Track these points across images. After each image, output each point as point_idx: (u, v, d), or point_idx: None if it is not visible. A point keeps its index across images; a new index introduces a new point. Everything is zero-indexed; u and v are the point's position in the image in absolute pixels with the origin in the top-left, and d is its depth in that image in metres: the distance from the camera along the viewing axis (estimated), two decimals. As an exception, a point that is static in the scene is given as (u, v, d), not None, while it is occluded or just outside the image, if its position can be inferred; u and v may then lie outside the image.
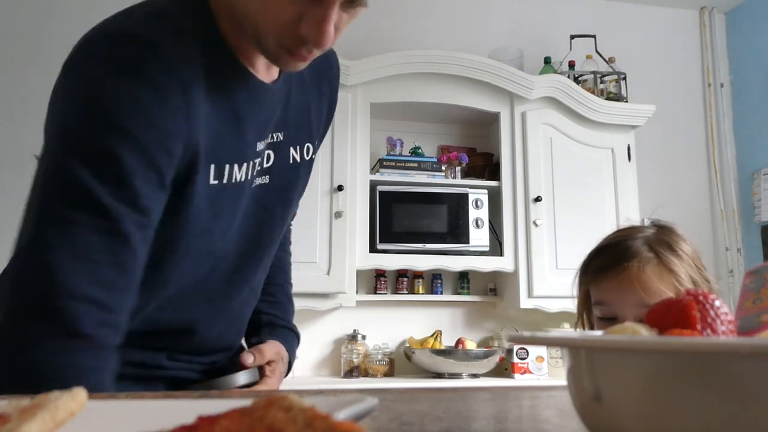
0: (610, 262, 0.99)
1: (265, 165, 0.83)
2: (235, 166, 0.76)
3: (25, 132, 2.67)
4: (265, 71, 0.80)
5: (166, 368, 0.82)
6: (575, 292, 1.08)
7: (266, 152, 0.82)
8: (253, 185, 0.82)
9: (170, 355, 0.83)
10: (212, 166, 0.73)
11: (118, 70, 0.66)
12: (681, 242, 1.03)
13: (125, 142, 0.65)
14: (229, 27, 0.74)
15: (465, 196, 2.73)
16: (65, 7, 2.82)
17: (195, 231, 0.75)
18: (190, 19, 0.72)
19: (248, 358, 0.88)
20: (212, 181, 0.74)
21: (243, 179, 0.78)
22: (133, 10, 0.72)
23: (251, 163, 0.79)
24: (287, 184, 0.87)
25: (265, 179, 0.84)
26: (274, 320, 0.99)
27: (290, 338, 0.99)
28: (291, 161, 0.87)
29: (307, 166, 0.91)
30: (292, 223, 1.07)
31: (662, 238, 1.02)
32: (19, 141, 2.66)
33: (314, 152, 0.92)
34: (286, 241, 1.08)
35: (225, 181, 0.75)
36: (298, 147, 0.88)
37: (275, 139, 0.84)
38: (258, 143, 0.79)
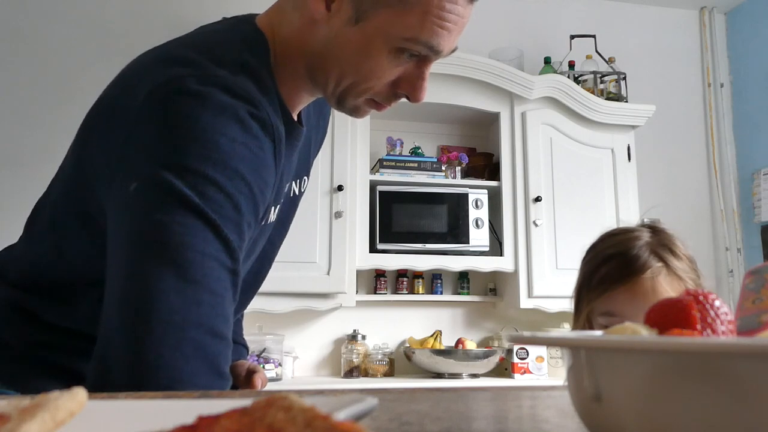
0: (622, 274, 0.97)
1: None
2: (272, 209, 0.79)
3: (25, 132, 2.67)
4: (295, 116, 0.83)
5: None
6: (573, 304, 1.06)
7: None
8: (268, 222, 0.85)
9: None
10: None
11: (231, 121, 0.66)
12: (679, 244, 1.03)
13: (241, 187, 0.66)
14: (281, 74, 0.76)
15: (465, 196, 2.73)
16: (66, 7, 2.82)
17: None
18: (267, 76, 0.74)
19: (259, 384, 0.91)
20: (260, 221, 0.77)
21: (275, 220, 0.82)
22: (224, 58, 0.71)
23: (281, 203, 0.82)
24: (286, 216, 0.91)
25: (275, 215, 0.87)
26: (235, 338, 1.03)
27: (245, 354, 1.05)
28: (291, 195, 0.90)
29: (301, 197, 0.95)
30: None
31: (662, 242, 1.01)
32: (20, 141, 2.66)
33: (307, 183, 0.96)
34: None
35: (265, 222, 0.78)
36: (297, 181, 0.91)
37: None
38: (287, 185, 0.83)
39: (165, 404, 0.43)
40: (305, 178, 0.94)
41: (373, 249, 2.61)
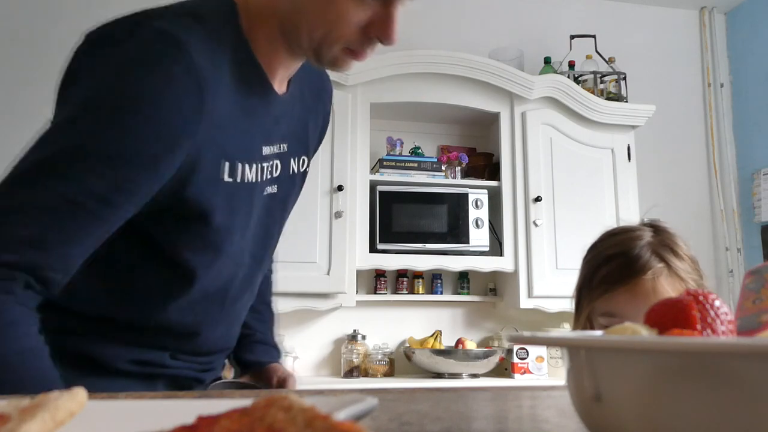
0: (622, 275, 0.96)
1: (274, 174, 0.87)
2: (246, 167, 0.79)
3: (25, 132, 2.67)
4: (279, 84, 0.84)
5: (168, 367, 0.85)
6: (573, 304, 1.05)
7: (275, 161, 0.86)
8: (264, 193, 0.85)
9: (173, 355, 0.85)
10: (226, 164, 0.76)
11: (143, 60, 0.68)
12: (681, 244, 1.02)
13: (128, 123, 0.67)
14: (262, 43, 0.79)
15: (465, 196, 2.73)
16: (68, 8, 2.82)
17: (218, 227, 0.78)
18: (222, 26, 0.76)
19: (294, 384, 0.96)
20: (227, 179, 0.76)
21: (254, 180, 0.81)
22: (174, 7, 0.75)
23: (259, 166, 0.82)
24: (287, 194, 0.92)
25: (274, 189, 0.88)
26: (265, 338, 1.06)
27: (277, 356, 1.07)
28: (291, 172, 0.91)
29: (301, 177, 0.95)
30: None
31: (664, 242, 1.00)
32: (20, 141, 2.66)
33: (308, 165, 0.97)
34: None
35: (238, 180, 0.78)
36: (296, 158, 0.92)
37: (281, 150, 0.87)
38: (264, 148, 0.83)
39: (165, 404, 0.43)
40: (304, 158, 0.94)
41: (373, 249, 2.61)
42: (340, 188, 2.57)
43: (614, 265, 0.98)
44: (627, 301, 0.96)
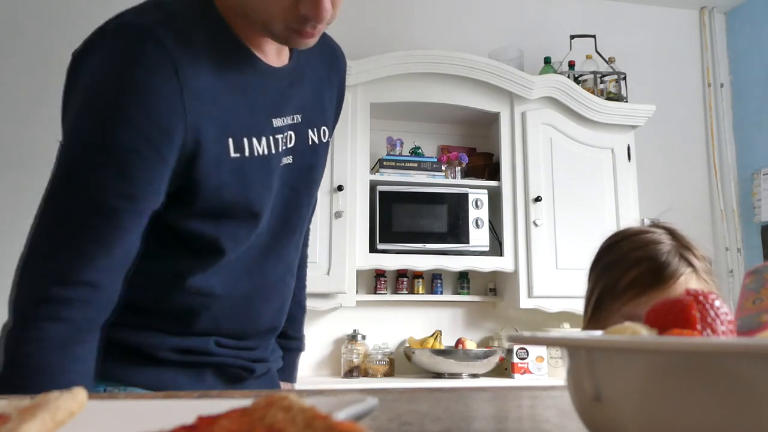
0: (655, 279, 0.94)
1: (288, 145, 0.87)
2: (254, 140, 0.80)
3: (28, 133, 2.67)
4: (275, 57, 0.86)
5: (213, 354, 0.85)
6: (588, 309, 1.02)
7: (288, 132, 0.87)
8: (280, 164, 0.86)
9: (217, 341, 0.85)
10: (230, 140, 0.77)
11: (115, 59, 0.72)
12: (697, 246, 1.01)
13: (120, 122, 0.71)
14: (237, 21, 0.80)
15: (465, 196, 2.73)
16: (71, 8, 2.82)
17: (228, 202, 0.79)
18: (196, 13, 0.78)
19: None
20: (233, 154, 0.78)
21: (266, 153, 0.82)
22: (144, 5, 0.78)
23: (271, 138, 0.83)
24: (309, 164, 0.92)
25: (290, 159, 0.88)
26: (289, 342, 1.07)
27: (288, 359, 1.08)
28: (310, 143, 0.92)
29: (324, 148, 0.95)
30: (310, 226, 1.15)
31: (684, 245, 0.98)
32: (23, 142, 2.65)
33: (329, 136, 0.97)
34: (304, 243, 1.13)
35: (247, 154, 0.79)
36: (315, 129, 0.93)
37: (295, 121, 0.88)
38: (274, 120, 0.84)
39: (165, 404, 0.43)
40: (324, 128, 0.94)
41: (373, 249, 2.61)
42: (340, 188, 2.57)
43: (644, 270, 0.95)
44: None
